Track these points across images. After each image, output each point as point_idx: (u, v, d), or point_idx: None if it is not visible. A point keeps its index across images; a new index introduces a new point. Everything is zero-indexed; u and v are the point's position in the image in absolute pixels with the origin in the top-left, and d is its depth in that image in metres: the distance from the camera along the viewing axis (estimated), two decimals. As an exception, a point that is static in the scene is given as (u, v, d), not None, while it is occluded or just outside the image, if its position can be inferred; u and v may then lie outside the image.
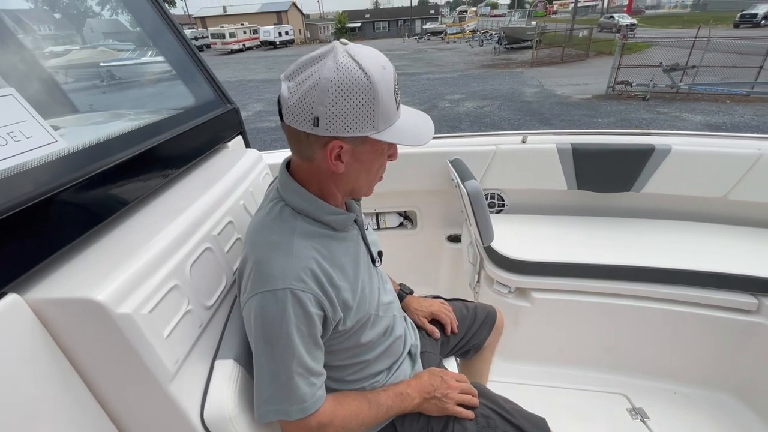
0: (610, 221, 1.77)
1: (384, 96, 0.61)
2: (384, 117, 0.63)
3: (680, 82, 9.03)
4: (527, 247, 1.57)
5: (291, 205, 0.72)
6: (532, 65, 15.36)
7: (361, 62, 0.59)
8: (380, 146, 0.67)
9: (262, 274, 0.65)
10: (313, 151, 0.65)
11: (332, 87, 0.58)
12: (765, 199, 1.62)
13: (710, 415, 1.44)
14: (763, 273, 1.35)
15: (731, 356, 1.44)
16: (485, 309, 1.21)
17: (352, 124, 0.61)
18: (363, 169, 0.70)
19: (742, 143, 1.63)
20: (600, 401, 1.53)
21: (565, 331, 1.59)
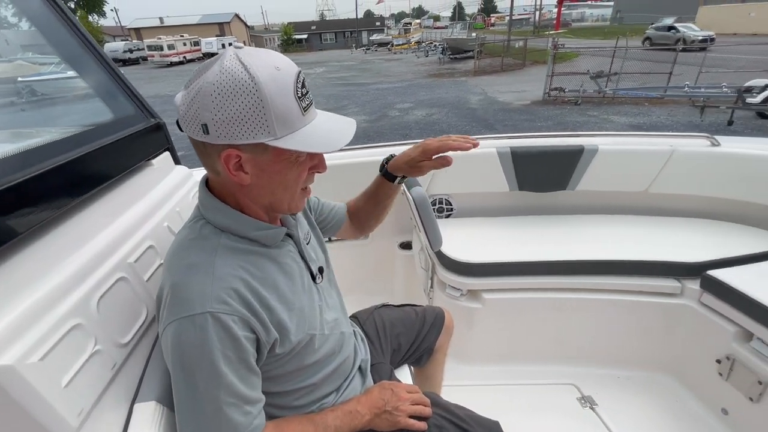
0: (550, 219, 1.85)
1: (276, 99, 0.56)
2: (282, 122, 0.58)
3: (606, 88, 9.88)
4: (476, 250, 1.61)
5: (213, 222, 0.67)
6: (475, 74, 16.08)
7: (248, 64, 0.55)
8: (287, 155, 0.62)
9: (178, 299, 0.60)
10: (214, 162, 0.61)
11: (215, 91, 0.55)
12: (679, 191, 1.78)
13: (650, 395, 1.54)
14: (683, 258, 1.47)
15: (664, 338, 1.55)
16: (433, 311, 1.21)
17: (242, 131, 0.57)
18: (275, 182, 0.64)
19: (657, 141, 1.79)
20: (552, 394, 1.58)
21: (516, 329, 1.64)
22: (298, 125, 0.60)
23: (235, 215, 0.67)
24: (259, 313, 0.63)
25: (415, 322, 1.16)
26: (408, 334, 1.13)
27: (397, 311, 1.18)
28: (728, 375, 1.34)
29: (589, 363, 1.65)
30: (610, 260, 1.51)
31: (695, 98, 8.35)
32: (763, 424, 1.26)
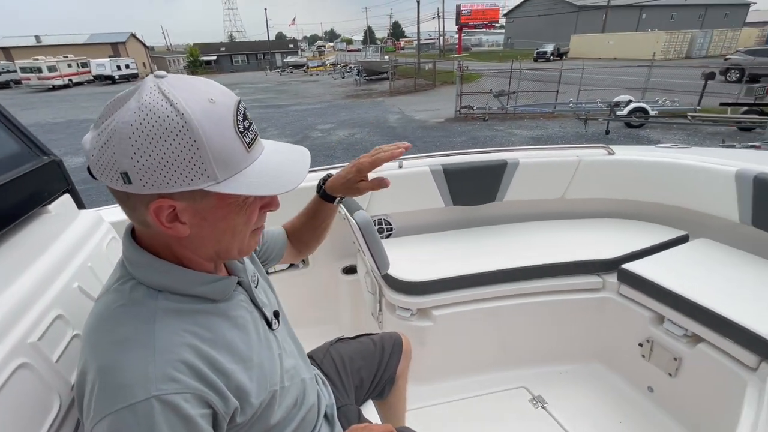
0: (483, 230, 1.95)
1: (213, 137, 0.48)
2: (222, 163, 0.49)
3: (507, 105, 11.01)
4: (421, 268, 1.61)
5: (146, 282, 0.56)
6: (391, 94, 16.79)
7: (175, 97, 0.47)
8: (233, 199, 0.53)
9: (110, 386, 0.48)
10: (141, 214, 0.52)
11: (134, 133, 0.45)
12: (588, 195, 2.01)
13: (588, 384, 1.67)
14: (601, 256, 1.65)
15: (592, 330, 1.70)
16: (391, 337, 1.17)
17: (174, 177, 0.47)
18: (220, 229, 0.56)
19: (566, 152, 2.00)
20: (506, 400, 1.63)
21: (465, 342, 1.67)
22: (242, 164, 0.52)
23: (174, 271, 0.56)
24: (214, 384, 0.53)
25: (374, 353, 1.11)
26: (369, 367, 1.08)
27: (354, 344, 1.12)
28: (650, 356, 1.51)
29: (533, 364, 1.74)
30: (539, 265, 1.62)
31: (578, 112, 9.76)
32: (683, 395, 1.44)
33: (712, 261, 1.56)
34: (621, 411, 1.54)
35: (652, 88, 10.86)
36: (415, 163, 1.90)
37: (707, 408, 1.34)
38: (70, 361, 0.62)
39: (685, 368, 1.41)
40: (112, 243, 0.92)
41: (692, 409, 1.41)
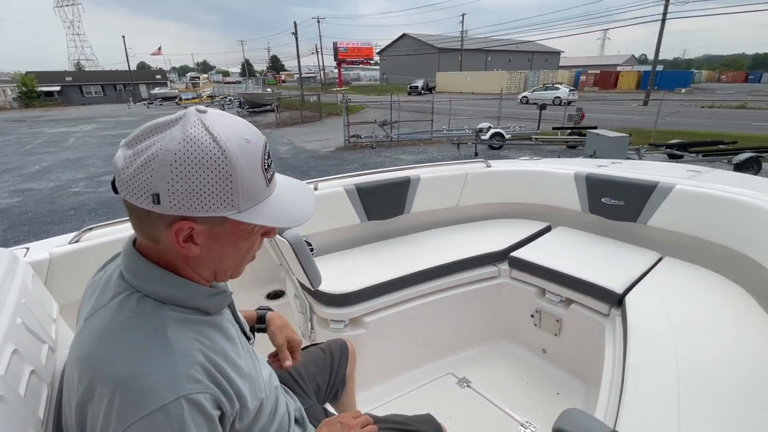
0: (397, 240, 2.16)
1: (246, 173, 0.53)
2: (247, 195, 0.55)
3: (392, 133, 11.97)
4: (347, 280, 1.72)
5: (152, 294, 0.57)
6: (278, 126, 16.65)
7: (217, 134, 0.51)
8: (245, 226, 0.58)
9: (135, 393, 0.48)
10: (158, 231, 0.55)
11: (176, 161, 0.49)
12: (476, 202, 2.40)
13: (499, 358, 1.97)
14: (494, 249, 1.99)
15: (496, 312, 2.02)
16: (336, 343, 1.24)
17: (203, 204, 0.52)
18: (227, 252, 0.60)
19: (455, 167, 2.37)
20: (437, 387, 1.80)
21: (396, 342, 1.81)
22: (262, 197, 0.57)
23: (182, 283, 0.59)
24: (223, 386, 0.56)
25: (325, 359, 1.17)
26: (323, 373, 1.13)
27: (305, 354, 1.16)
28: (540, 324, 1.87)
29: (454, 351, 1.97)
30: (446, 263, 1.88)
31: (451, 138, 11.21)
32: (567, 349, 1.81)
33: (569, 242, 2.03)
34: (526, 374, 1.86)
35: (504, 117, 13.11)
36: (330, 184, 2.03)
37: (584, 353, 1.71)
38: (34, 395, 0.57)
39: (565, 327, 1.79)
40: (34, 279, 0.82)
41: (575, 357, 1.78)
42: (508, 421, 1.61)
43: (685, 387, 1.06)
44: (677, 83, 34.02)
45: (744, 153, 6.96)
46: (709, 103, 17.72)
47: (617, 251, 1.90)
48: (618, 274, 1.65)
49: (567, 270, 1.73)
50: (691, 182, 1.82)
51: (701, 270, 1.70)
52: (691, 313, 1.41)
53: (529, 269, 1.86)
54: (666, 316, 1.38)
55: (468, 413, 1.65)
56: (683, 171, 2.07)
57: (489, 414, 1.65)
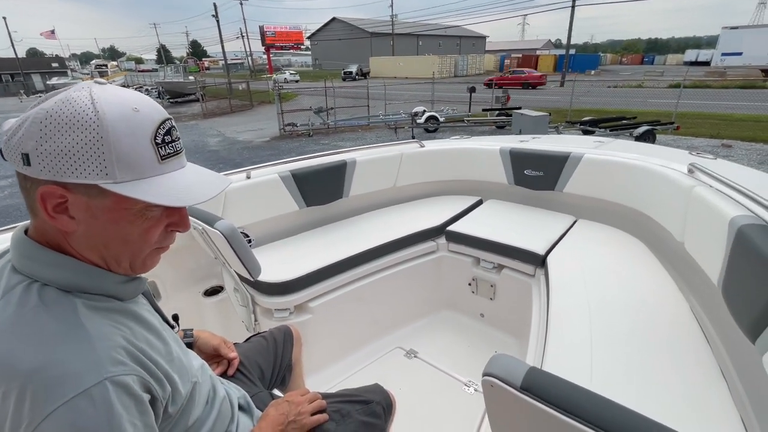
0: (337, 225, 2.16)
1: (123, 139, 0.50)
2: (126, 166, 0.50)
3: (328, 120, 11.77)
4: (289, 268, 1.70)
5: (56, 282, 0.52)
6: (205, 117, 15.55)
7: (98, 98, 0.50)
8: (130, 204, 0.52)
9: (50, 382, 0.45)
10: (33, 200, 0.51)
11: (46, 118, 0.48)
12: (412, 181, 2.47)
13: (443, 327, 2.08)
14: (431, 225, 2.08)
15: (437, 284, 2.13)
16: (280, 330, 1.23)
17: (70, 167, 0.48)
18: (110, 233, 0.54)
19: (391, 148, 2.41)
20: (387, 362, 1.87)
21: (343, 324, 1.84)
22: (149, 173, 0.53)
23: (88, 269, 0.55)
24: (150, 368, 0.54)
25: (268, 347, 1.15)
26: (267, 360, 1.12)
27: (247, 345, 1.15)
28: (477, 290, 2.00)
29: (400, 325, 2.05)
30: (387, 242, 1.93)
31: (388, 122, 11.31)
32: (500, 311, 1.97)
33: (498, 213, 2.19)
34: (468, 339, 1.99)
35: (438, 100, 13.48)
36: (263, 172, 1.96)
37: (516, 312, 1.88)
38: None
39: (498, 291, 1.94)
40: None
41: (508, 317, 1.94)
42: (453, 383, 1.72)
43: (597, 327, 1.22)
44: (587, 66, 37.48)
45: (642, 126, 7.92)
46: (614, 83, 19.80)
47: (539, 218, 2.08)
48: (540, 238, 1.82)
49: (497, 239, 1.86)
50: (596, 151, 2.04)
51: (608, 228, 1.93)
52: (600, 265, 1.60)
53: (464, 241, 1.98)
54: (580, 270, 1.56)
55: (416, 381, 1.74)
56: (591, 142, 2.30)
57: (435, 379, 1.75)
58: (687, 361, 1.10)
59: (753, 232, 1.04)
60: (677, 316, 1.29)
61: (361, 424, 0.96)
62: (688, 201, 1.43)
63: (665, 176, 1.64)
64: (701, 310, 1.34)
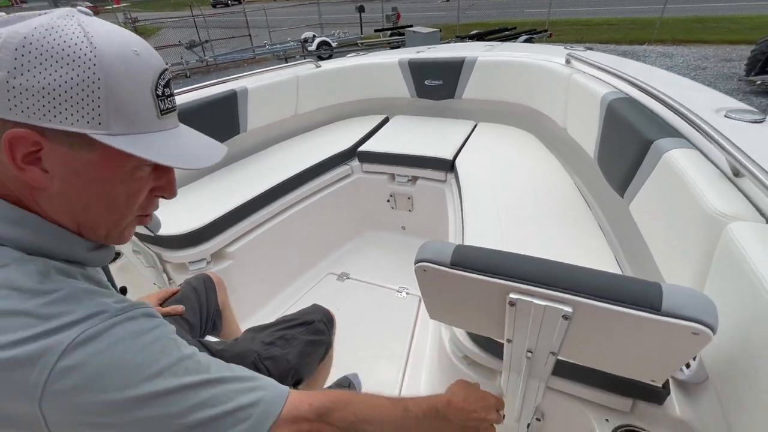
0: (241, 163, 1.98)
1: (123, 84, 0.42)
2: (123, 116, 0.43)
3: (206, 56, 10.24)
4: (195, 216, 1.54)
5: (11, 242, 0.43)
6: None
7: (93, 31, 0.41)
8: (122, 161, 0.45)
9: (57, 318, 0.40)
10: None
11: (24, 47, 0.38)
12: (316, 107, 2.32)
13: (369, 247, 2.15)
14: (343, 148, 2.01)
15: (357, 206, 2.15)
16: (198, 278, 1.16)
17: (56, 110, 0.40)
18: (92, 193, 0.45)
19: (285, 71, 2.19)
20: (322, 289, 1.89)
21: (269, 262, 1.77)
22: (146, 128, 0.45)
23: (55, 230, 0.46)
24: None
25: (190, 296, 1.07)
26: (192, 310, 1.05)
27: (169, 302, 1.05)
28: (396, 205, 2.07)
29: (329, 252, 2.07)
30: (299, 172, 1.83)
31: (277, 53, 10.26)
32: (420, 220, 2.08)
33: (405, 128, 2.20)
34: (394, 252, 2.09)
35: (326, 24, 12.50)
36: None
37: (434, 218, 1.99)
38: None
39: (415, 202, 2.02)
40: None
41: (428, 224, 2.07)
42: (386, 292, 1.83)
43: (503, 210, 1.38)
44: (469, -22, 37.53)
45: (522, 36, 8.42)
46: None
47: (444, 127, 2.15)
48: (447, 145, 1.90)
49: (408, 151, 1.89)
50: (488, 54, 2.10)
51: (504, 127, 2.09)
52: (500, 160, 1.75)
53: (377, 159, 1.98)
54: (484, 167, 1.68)
55: (352, 300, 1.81)
56: (483, 47, 2.36)
57: (369, 293, 1.84)
58: (574, 222, 1.31)
59: (619, 104, 1.19)
60: (564, 191, 1.49)
61: (307, 343, 0.97)
62: (568, 88, 1.58)
63: (548, 69, 1.78)
64: (582, 184, 1.56)
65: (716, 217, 0.69)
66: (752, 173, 0.67)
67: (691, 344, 0.55)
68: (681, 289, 0.56)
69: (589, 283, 0.59)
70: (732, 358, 0.61)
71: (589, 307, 0.58)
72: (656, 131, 0.99)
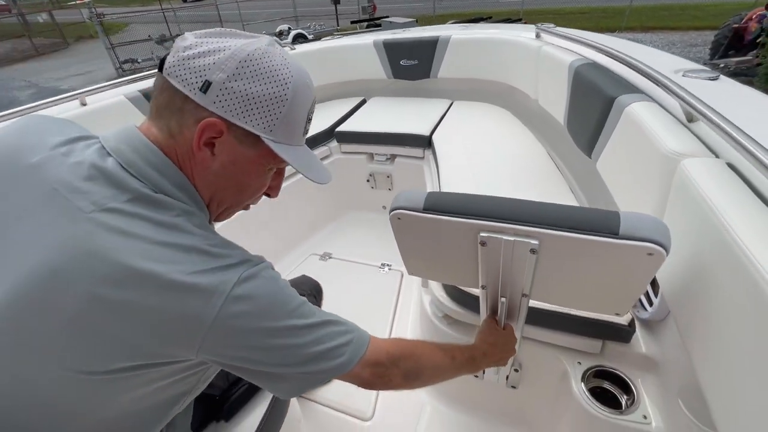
0: None
1: (297, 107, 0.54)
2: (286, 130, 0.54)
3: (178, 51, 9.99)
4: None
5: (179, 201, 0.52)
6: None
7: (288, 61, 0.53)
8: (266, 162, 0.56)
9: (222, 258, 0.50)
10: (182, 124, 0.51)
11: (246, 60, 0.50)
12: None
13: (351, 228, 2.16)
14: (317, 130, 2.01)
15: (338, 189, 2.15)
16: None
17: (247, 113, 0.51)
18: (237, 181, 0.57)
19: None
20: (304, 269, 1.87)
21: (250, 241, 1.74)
22: (294, 142, 0.57)
23: (199, 200, 0.55)
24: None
25: None
26: None
27: None
28: (375, 185, 2.09)
29: (311, 234, 2.08)
30: None
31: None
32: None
33: (383, 108, 2.21)
34: (375, 231, 2.10)
35: (302, 16, 12.33)
36: (105, 96, 1.62)
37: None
38: None
39: (394, 180, 2.04)
40: None
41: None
42: (369, 269, 1.84)
43: (479, 179, 1.40)
44: (444, -30, 37.55)
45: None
46: (470, -14, 20.41)
47: (420, 106, 2.17)
48: (424, 123, 1.92)
49: (386, 130, 1.91)
50: (463, 32, 2.13)
51: (479, 104, 2.12)
52: (475, 135, 1.78)
53: (355, 139, 1.98)
54: (461, 143, 1.71)
55: (336, 278, 1.82)
56: (457, 27, 2.39)
57: (352, 271, 1.85)
58: (545, 188, 1.36)
59: (585, 70, 1.23)
60: (537, 161, 1.54)
61: None
62: (538, 60, 1.62)
63: (519, 44, 1.81)
64: (555, 154, 1.61)
65: (671, 156, 0.73)
66: (704, 115, 0.71)
67: (648, 266, 0.58)
68: (636, 215, 0.59)
69: (553, 216, 0.62)
70: (687, 285, 0.65)
71: (554, 238, 0.61)
72: (618, 89, 1.03)
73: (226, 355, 0.49)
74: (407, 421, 1.21)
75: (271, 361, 0.51)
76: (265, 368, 0.52)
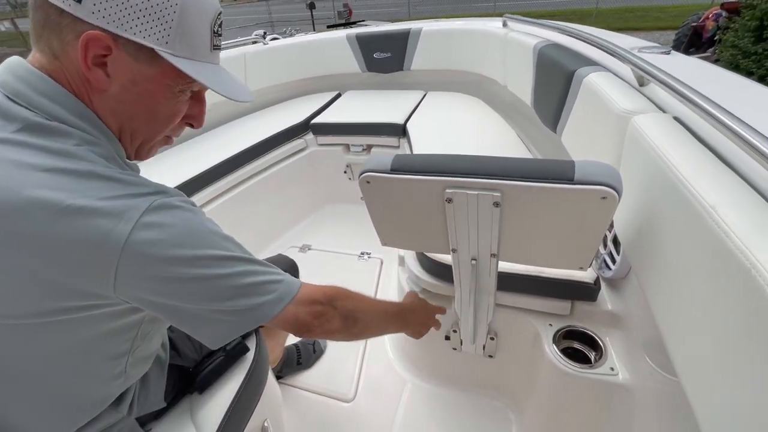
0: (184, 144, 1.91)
1: (192, 14, 0.48)
2: (186, 41, 0.49)
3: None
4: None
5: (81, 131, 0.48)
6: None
7: None
8: (173, 81, 0.50)
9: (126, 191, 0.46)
10: (62, 41, 0.45)
11: None
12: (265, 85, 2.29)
13: (329, 219, 2.16)
14: (295, 122, 2.01)
15: (317, 179, 2.15)
16: None
17: (134, 22, 0.45)
18: (142, 104, 0.51)
19: (231, 51, 2.16)
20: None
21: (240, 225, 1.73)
22: (201, 57, 0.51)
23: (107, 130, 0.51)
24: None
25: None
26: None
27: None
28: (352, 176, 2.10)
29: (289, 227, 2.07)
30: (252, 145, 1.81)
31: (228, 52, 10.00)
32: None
33: (358, 101, 2.23)
34: (353, 222, 2.09)
35: (277, 22, 12.30)
36: None
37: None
38: None
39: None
40: None
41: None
42: (348, 258, 1.85)
43: None
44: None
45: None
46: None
47: (395, 97, 2.20)
48: (398, 113, 1.95)
49: (361, 120, 1.92)
50: (434, 24, 2.18)
51: (451, 94, 2.16)
52: (448, 123, 1.82)
53: (330, 131, 1.99)
54: (435, 130, 1.75)
55: (315, 268, 1.81)
56: (430, 21, 2.44)
57: (332, 261, 1.85)
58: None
59: (547, 50, 1.28)
60: (508, 143, 1.59)
61: None
62: (505, 46, 1.67)
63: (488, 32, 1.87)
64: (525, 136, 1.66)
65: (623, 115, 0.77)
66: (653, 76, 0.76)
67: (603, 210, 0.61)
68: (590, 162, 0.62)
69: (513, 168, 0.64)
70: (644, 236, 0.69)
71: (515, 188, 0.64)
72: (578, 63, 1.07)
73: (144, 290, 0.46)
74: (389, 400, 1.22)
75: (193, 296, 0.48)
76: (189, 305, 0.48)
